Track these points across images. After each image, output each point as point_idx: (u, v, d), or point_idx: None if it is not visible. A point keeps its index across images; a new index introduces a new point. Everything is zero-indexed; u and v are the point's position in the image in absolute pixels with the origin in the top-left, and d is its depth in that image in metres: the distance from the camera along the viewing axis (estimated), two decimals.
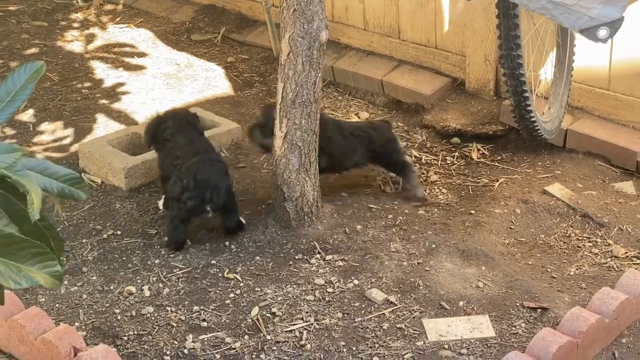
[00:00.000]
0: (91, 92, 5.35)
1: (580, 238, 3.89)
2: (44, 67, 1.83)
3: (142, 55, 5.89)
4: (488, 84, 4.99)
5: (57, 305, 3.42)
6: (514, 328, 3.29)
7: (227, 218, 3.85)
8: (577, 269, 3.67)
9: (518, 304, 3.41)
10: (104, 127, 4.90)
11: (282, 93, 3.74)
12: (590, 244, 3.84)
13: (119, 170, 4.20)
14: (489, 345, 3.21)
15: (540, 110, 4.30)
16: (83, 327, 3.29)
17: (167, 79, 5.56)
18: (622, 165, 4.41)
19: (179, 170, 3.80)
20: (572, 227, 3.97)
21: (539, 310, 3.38)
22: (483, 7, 4.79)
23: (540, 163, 4.53)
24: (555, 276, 3.62)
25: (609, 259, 3.73)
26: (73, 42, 6.06)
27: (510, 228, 3.97)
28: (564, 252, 3.79)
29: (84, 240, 3.84)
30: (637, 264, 3.65)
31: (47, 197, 1.86)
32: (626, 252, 3.77)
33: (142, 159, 4.28)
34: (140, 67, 5.71)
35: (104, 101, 5.23)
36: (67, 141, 4.72)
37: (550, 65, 4.44)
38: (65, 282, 3.54)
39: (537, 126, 4.09)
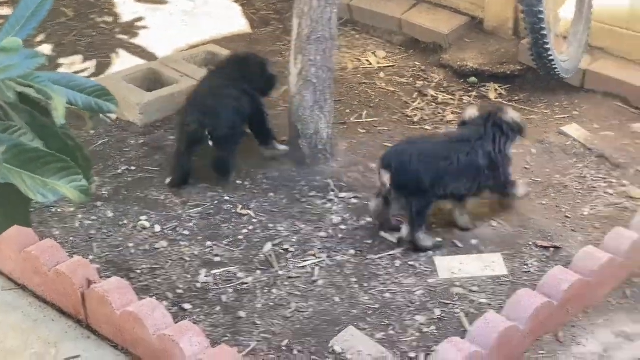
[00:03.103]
0: (107, 27, 5.33)
1: (595, 178, 3.86)
2: None
3: None
4: (507, 23, 4.91)
5: (71, 238, 3.44)
6: (526, 266, 3.29)
7: (219, 154, 3.80)
8: (591, 209, 3.65)
9: (531, 243, 3.41)
10: (119, 63, 4.89)
11: (298, 29, 3.71)
12: (606, 185, 3.81)
13: (133, 105, 4.19)
14: (500, 283, 3.21)
15: (559, 49, 4.23)
16: (97, 260, 3.32)
17: (184, 16, 5.52)
18: None
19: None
20: (587, 167, 3.94)
21: (551, 249, 3.37)
22: None
23: (557, 103, 4.48)
24: (569, 216, 3.61)
25: (623, 200, 3.70)
26: None
27: (526, 168, 3.94)
28: (579, 193, 3.77)
29: (98, 176, 3.85)
30: None
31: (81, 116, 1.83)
32: None
33: (158, 94, 4.27)
34: (157, 4, 5.66)
35: (120, 37, 5.21)
36: (82, 76, 4.71)
37: (571, 3, 4.36)
38: (79, 216, 3.56)
39: (554, 65, 4.04)
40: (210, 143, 3.74)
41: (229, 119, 3.77)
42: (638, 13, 4.44)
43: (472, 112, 3.61)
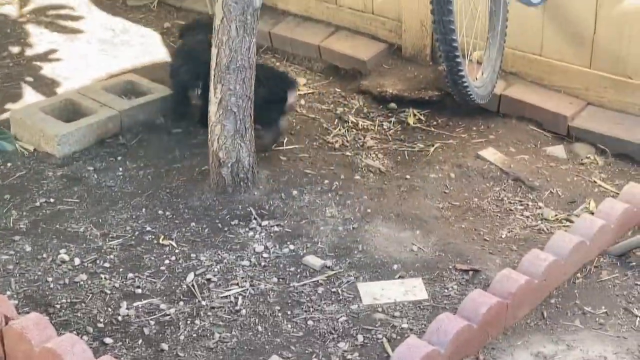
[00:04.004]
0: (24, 58, 5.25)
1: (512, 201, 3.96)
2: None
3: (76, 20, 5.78)
4: (424, 50, 5.01)
5: None
6: (446, 290, 3.35)
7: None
8: (508, 232, 3.73)
9: (451, 267, 3.47)
10: (36, 93, 4.82)
11: (217, 59, 3.72)
12: (522, 207, 3.91)
13: (51, 137, 4.14)
14: (421, 307, 3.26)
15: (473, 75, 4.34)
16: (15, 295, 3.25)
17: (102, 45, 5.47)
18: (553, 129, 4.49)
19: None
20: (504, 190, 4.04)
21: (470, 272, 3.44)
22: None
23: (474, 128, 4.58)
24: (487, 239, 3.68)
25: (539, 222, 3.80)
26: (4, 7, 5.92)
27: (445, 192, 4.02)
28: (497, 216, 3.86)
29: (15, 209, 3.78)
30: (567, 226, 3.73)
31: None
32: (556, 215, 3.85)
33: (76, 125, 4.22)
34: (74, 33, 5.61)
35: (36, 67, 5.13)
36: None
37: (483, 30, 4.48)
38: None
39: (469, 91, 4.13)
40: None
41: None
42: (548, 39, 4.58)
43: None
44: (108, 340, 3.05)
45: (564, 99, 4.56)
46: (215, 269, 3.44)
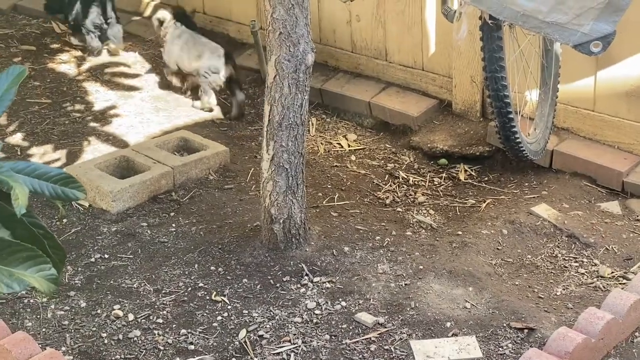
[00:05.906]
0: (80, 115, 5.36)
1: (566, 258, 3.91)
2: (25, 71, 1.81)
3: (131, 77, 5.90)
4: (475, 106, 5.02)
5: (43, 329, 3.41)
6: (500, 349, 3.30)
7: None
8: (563, 289, 3.68)
9: (505, 325, 3.42)
10: (92, 150, 4.91)
11: (269, 116, 3.76)
12: (577, 264, 3.86)
13: (106, 193, 4.20)
14: None
15: (526, 131, 4.32)
16: (70, 351, 3.28)
17: (155, 102, 5.57)
18: (607, 185, 4.44)
19: None
20: (558, 247, 3.99)
21: (525, 330, 3.38)
22: (469, 29, 4.81)
23: (526, 184, 4.55)
24: (542, 296, 3.63)
25: (595, 279, 3.74)
26: (61, 65, 6.07)
27: (497, 249, 3.98)
28: (551, 272, 3.81)
29: (70, 265, 3.83)
30: (623, 283, 3.67)
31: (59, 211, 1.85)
32: (612, 272, 3.78)
33: (130, 182, 4.28)
34: (129, 90, 5.72)
35: (92, 124, 5.24)
36: (55, 165, 4.72)
37: (535, 86, 4.47)
38: (52, 307, 3.53)
39: (522, 147, 4.12)
40: None
41: None
42: (600, 94, 4.55)
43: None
44: None
45: (618, 155, 4.52)
46: (268, 326, 3.44)
